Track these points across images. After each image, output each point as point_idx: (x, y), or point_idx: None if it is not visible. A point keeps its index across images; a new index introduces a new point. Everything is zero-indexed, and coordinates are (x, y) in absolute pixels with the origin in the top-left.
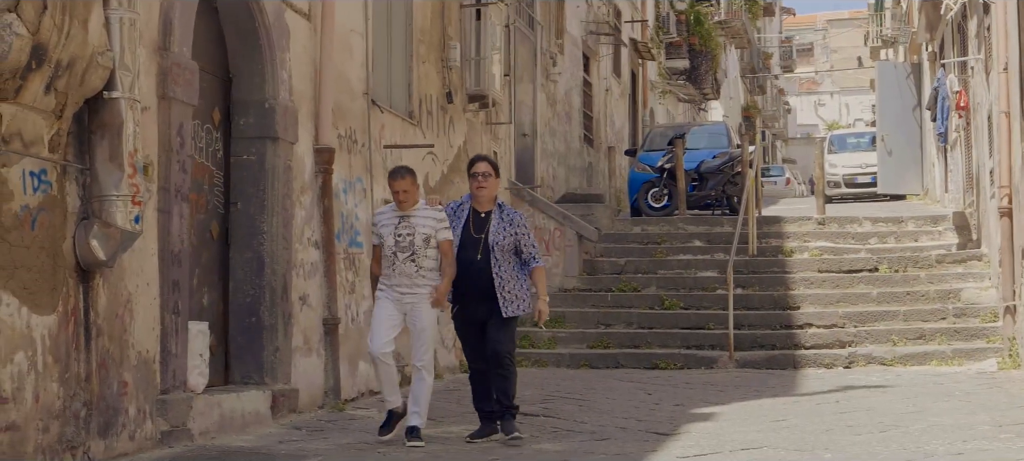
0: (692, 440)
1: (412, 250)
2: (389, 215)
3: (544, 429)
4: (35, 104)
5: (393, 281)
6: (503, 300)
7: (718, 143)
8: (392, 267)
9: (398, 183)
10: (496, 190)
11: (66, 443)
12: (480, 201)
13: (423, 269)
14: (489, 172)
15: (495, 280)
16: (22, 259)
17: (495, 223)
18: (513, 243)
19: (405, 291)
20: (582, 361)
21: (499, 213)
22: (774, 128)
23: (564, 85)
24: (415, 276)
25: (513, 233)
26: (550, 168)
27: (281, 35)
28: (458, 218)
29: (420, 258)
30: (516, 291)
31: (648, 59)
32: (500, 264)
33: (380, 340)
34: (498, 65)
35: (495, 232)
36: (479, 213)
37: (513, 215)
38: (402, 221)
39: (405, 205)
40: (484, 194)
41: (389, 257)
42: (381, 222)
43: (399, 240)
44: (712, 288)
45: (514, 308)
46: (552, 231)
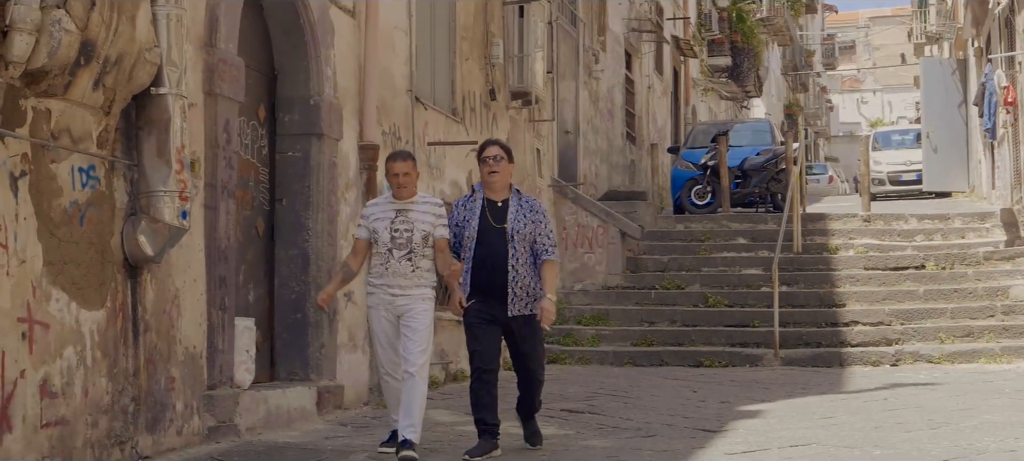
0: (739, 437)
1: (409, 248)
2: (384, 207)
3: (590, 426)
4: (84, 100)
5: (385, 281)
6: (512, 296)
7: (762, 140)
8: (386, 265)
9: (398, 165)
10: (509, 176)
11: (115, 438)
12: (493, 188)
13: (420, 269)
14: (501, 156)
15: (509, 273)
16: (71, 255)
17: (514, 210)
18: (532, 232)
19: (398, 292)
20: (626, 359)
21: (517, 200)
22: (816, 126)
23: (606, 82)
24: (411, 276)
25: (532, 220)
26: (593, 166)
27: (326, 32)
28: (470, 212)
29: (417, 257)
30: (528, 288)
31: (690, 56)
32: (517, 256)
33: (386, 358)
34: (541, 62)
35: (515, 220)
36: (495, 202)
37: (532, 202)
38: (400, 215)
39: (404, 194)
40: (497, 180)
41: (383, 254)
42: (374, 215)
43: (396, 236)
44: (756, 286)
45: (521, 306)
46: (595, 229)
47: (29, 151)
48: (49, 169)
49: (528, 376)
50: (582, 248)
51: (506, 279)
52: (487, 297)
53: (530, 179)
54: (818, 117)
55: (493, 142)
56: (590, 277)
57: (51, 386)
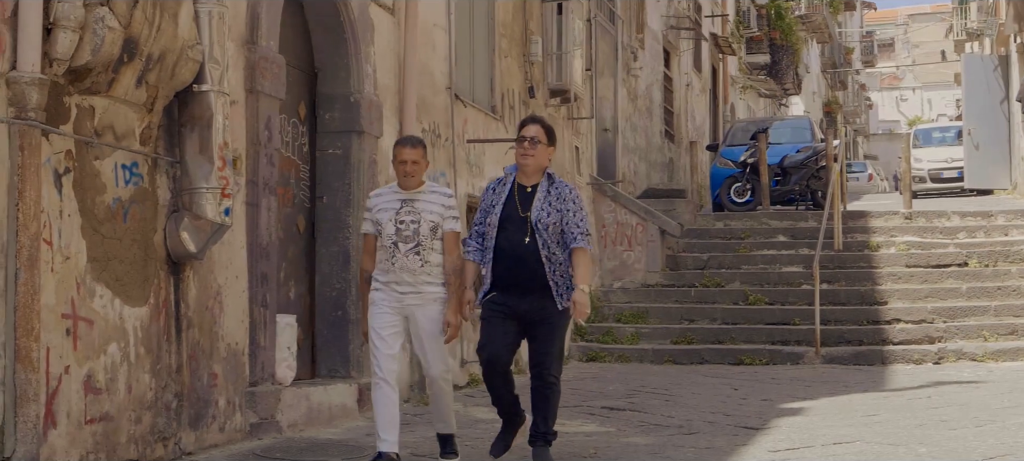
0: (782, 434)
1: (416, 241)
2: (389, 197)
3: (631, 423)
4: (127, 97)
5: (392, 278)
6: (555, 288)
7: (801, 137)
8: (391, 261)
9: (406, 152)
10: (546, 160)
11: (158, 434)
12: (526, 172)
13: (429, 264)
14: (538, 138)
15: (546, 266)
16: (114, 251)
17: (540, 198)
18: (559, 222)
19: (407, 290)
20: (666, 357)
21: (547, 186)
22: (855, 124)
23: (645, 80)
24: (419, 273)
25: (559, 208)
26: (631, 163)
27: (366, 29)
28: (498, 197)
29: (426, 251)
30: (568, 277)
31: (728, 54)
32: (550, 247)
33: (384, 356)
34: (579, 60)
35: (539, 208)
36: (525, 187)
37: (563, 188)
38: (405, 205)
39: (410, 183)
40: (530, 163)
41: (388, 248)
42: (379, 205)
43: (400, 228)
44: (797, 283)
45: (561, 297)
46: (634, 226)
47: (73, 148)
48: (93, 166)
49: (537, 371)
50: (621, 246)
51: (529, 271)
52: (507, 291)
53: (569, 177)
54: (857, 115)
55: (534, 120)
56: (629, 275)
57: (95, 382)
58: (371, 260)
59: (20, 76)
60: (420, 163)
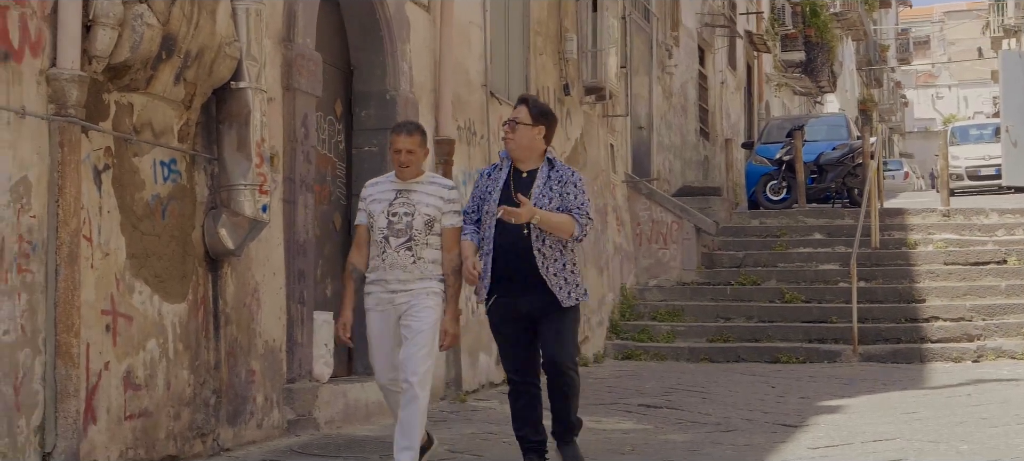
0: (821, 432)
1: (409, 235)
2: (384, 186)
3: (668, 420)
4: (165, 94)
5: (383, 274)
6: (552, 282)
7: (838, 135)
8: (382, 256)
9: (402, 140)
10: (533, 142)
11: (196, 430)
12: (516, 156)
13: (423, 260)
14: (518, 120)
15: (537, 259)
16: (153, 248)
17: (541, 183)
18: (559, 208)
19: (397, 288)
20: (702, 355)
21: (547, 171)
22: (891, 122)
23: (680, 78)
24: (411, 269)
25: (560, 193)
26: (666, 161)
27: (401, 27)
28: (494, 183)
29: (419, 247)
30: (564, 274)
31: (763, 51)
32: (544, 238)
33: (383, 363)
34: (614, 57)
35: (540, 195)
36: (521, 173)
37: (564, 172)
38: (400, 196)
39: (407, 173)
40: (511, 146)
41: (379, 243)
42: (372, 195)
43: (393, 221)
44: (834, 281)
45: (560, 294)
46: (669, 224)
47: (112, 145)
48: (132, 163)
49: (553, 369)
50: (656, 244)
51: (528, 265)
52: (509, 289)
53: (604, 175)
54: (893, 113)
55: (521, 101)
56: (665, 273)
57: (134, 378)
58: (359, 253)
59: (60, 73)
60: (416, 152)
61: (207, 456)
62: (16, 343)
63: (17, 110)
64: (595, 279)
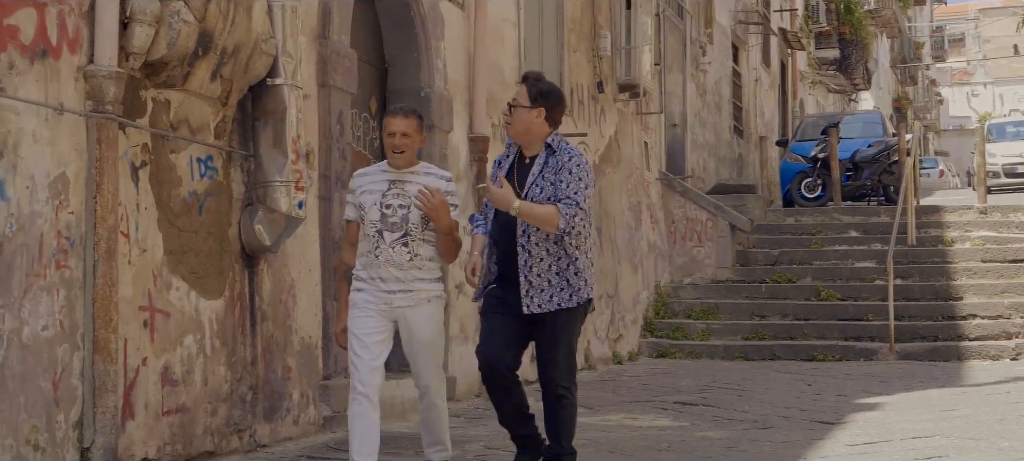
0: (859, 429)
1: (404, 230)
2: (376, 177)
3: (704, 417)
4: (201, 91)
5: (377, 273)
6: (527, 287)
7: (873, 132)
8: (375, 253)
9: (396, 122)
10: (533, 125)
11: (233, 426)
12: (520, 143)
13: (420, 257)
14: (518, 100)
15: (519, 255)
16: (190, 244)
17: (536, 169)
18: (552, 195)
19: (395, 288)
20: (737, 353)
21: (546, 156)
22: (926, 120)
23: (714, 75)
24: (408, 268)
25: (553, 182)
26: (700, 159)
27: (436, 24)
28: (501, 170)
29: (416, 243)
30: (550, 275)
31: (798, 49)
32: (529, 232)
33: (366, 367)
34: (648, 55)
35: (532, 184)
36: (524, 159)
37: (562, 156)
38: (393, 187)
39: (399, 160)
40: (510, 132)
41: (371, 238)
42: (363, 186)
43: (387, 214)
44: (870, 279)
45: (542, 300)
46: (704, 222)
47: (149, 141)
48: (168, 159)
49: (546, 384)
50: (691, 242)
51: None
52: (505, 283)
53: (638, 173)
54: (927, 110)
55: (523, 79)
56: (699, 271)
57: (172, 374)
58: (352, 252)
59: (97, 70)
60: (412, 137)
61: (244, 452)
62: (55, 338)
63: (55, 107)
64: (630, 277)
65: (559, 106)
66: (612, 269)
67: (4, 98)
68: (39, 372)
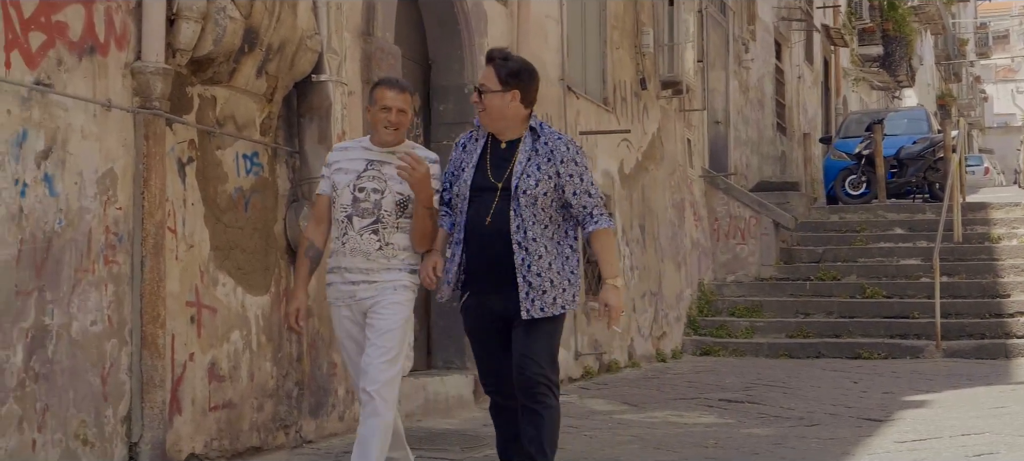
0: (907, 426)
1: (376, 216)
2: (355, 154)
3: (750, 415)
4: (247, 87)
5: (343, 261)
6: (527, 288)
7: (918, 128)
8: (343, 239)
9: (392, 96)
10: (506, 110)
11: (279, 422)
12: (493, 129)
13: (392, 247)
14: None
15: (516, 254)
16: (236, 240)
17: (523, 157)
18: (553, 189)
19: (358, 278)
20: (781, 351)
21: (531, 141)
22: (970, 117)
23: (756, 72)
24: (376, 256)
25: (553, 173)
26: (743, 156)
27: (479, 21)
28: (469, 156)
29: (387, 230)
30: (551, 274)
31: (841, 45)
32: (525, 226)
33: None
34: (691, 51)
35: (522, 173)
36: (499, 144)
37: (555, 142)
38: (371, 168)
39: (389, 137)
40: (483, 120)
41: (340, 223)
42: (339, 163)
43: (359, 198)
44: (916, 276)
45: (545, 303)
46: (747, 219)
47: (196, 137)
48: (215, 156)
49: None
50: (734, 239)
51: (503, 258)
52: (484, 287)
53: (681, 170)
54: (972, 108)
55: (488, 58)
56: (743, 268)
57: (219, 369)
58: (318, 228)
59: (145, 66)
60: (408, 114)
61: (290, 447)
62: (103, 333)
63: (103, 103)
64: (673, 274)
65: (533, 83)
66: (655, 266)
67: (53, 94)
68: (88, 367)
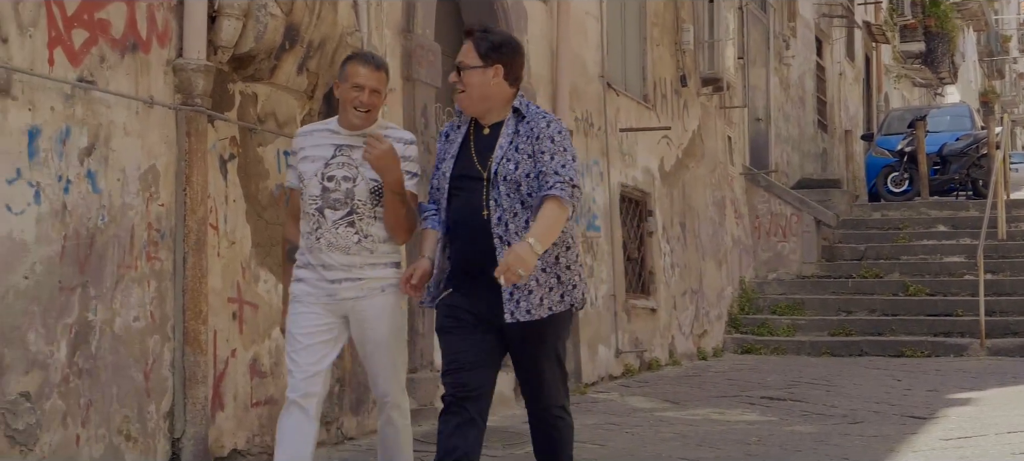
0: (952, 423)
1: (349, 207)
2: (321, 138)
3: (793, 412)
4: (288, 84)
5: (318, 257)
6: (512, 288)
7: (961, 125)
8: (316, 233)
9: (365, 73)
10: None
11: (321, 418)
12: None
13: (372, 239)
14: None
15: (497, 249)
16: (277, 237)
17: (506, 142)
18: (533, 171)
19: (339, 276)
20: (823, 349)
21: (515, 124)
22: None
23: (797, 69)
24: (356, 251)
25: (531, 153)
26: (784, 154)
27: (519, 18)
28: (451, 145)
29: (365, 222)
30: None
31: (882, 42)
32: (507, 218)
33: (303, 372)
34: (731, 48)
35: (501, 158)
36: (483, 129)
37: (538, 122)
38: (340, 153)
39: (363, 120)
40: (463, 102)
41: (311, 216)
42: (304, 150)
43: (328, 188)
44: (959, 274)
45: (531, 304)
46: (788, 217)
47: (237, 134)
48: (256, 152)
49: (539, 410)
50: (775, 237)
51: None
52: (468, 284)
53: (722, 167)
54: (1015, 105)
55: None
56: (784, 266)
57: (260, 366)
58: (296, 226)
59: (186, 63)
60: (380, 93)
61: (331, 444)
62: (146, 329)
63: (145, 100)
64: (714, 272)
65: (518, 58)
66: (696, 264)
67: (95, 91)
68: (131, 363)
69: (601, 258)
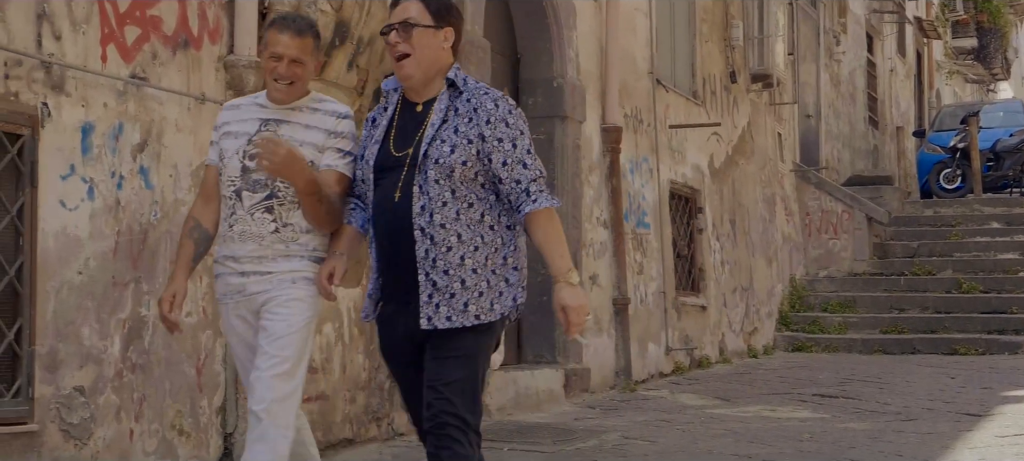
0: (1008, 421)
1: (270, 191)
2: (247, 113)
3: (845, 410)
4: (338, 80)
5: (230, 250)
6: (430, 290)
7: (1015, 121)
8: (229, 220)
9: (284, 40)
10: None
11: (371, 414)
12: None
13: (291, 227)
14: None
15: (417, 244)
16: None
17: (436, 118)
18: (475, 158)
19: (248, 269)
20: (875, 346)
21: (448, 99)
22: None
23: (847, 65)
24: (270, 241)
25: (474, 136)
26: (834, 150)
27: (568, 14)
28: (378, 126)
29: (285, 208)
30: (463, 272)
31: (933, 38)
32: (432, 207)
33: None
34: (781, 44)
35: (433, 138)
36: (415, 107)
37: (481, 99)
38: (266, 128)
39: (287, 93)
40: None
41: (228, 200)
42: (228, 125)
43: (249, 168)
44: (1014, 271)
45: (453, 310)
46: (839, 214)
47: None
48: None
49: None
50: (826, 234)
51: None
52: (393, 294)
53: (772, 164)
54: None
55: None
56: (835, 263)
57: (311, 361)
58: (205, 206)
59: (237, 60)
60: (306, 64)
61: (382, 440)
62: (198, 325)
63: (197, 96)
64: (764, 270)
65: (462, 26)
66: (746, 262)
67: (148, 88)
68: (183, 358)
69: (651, 255)
